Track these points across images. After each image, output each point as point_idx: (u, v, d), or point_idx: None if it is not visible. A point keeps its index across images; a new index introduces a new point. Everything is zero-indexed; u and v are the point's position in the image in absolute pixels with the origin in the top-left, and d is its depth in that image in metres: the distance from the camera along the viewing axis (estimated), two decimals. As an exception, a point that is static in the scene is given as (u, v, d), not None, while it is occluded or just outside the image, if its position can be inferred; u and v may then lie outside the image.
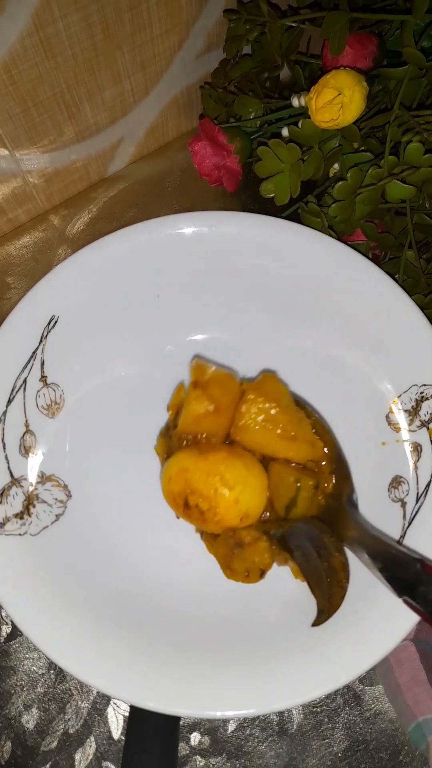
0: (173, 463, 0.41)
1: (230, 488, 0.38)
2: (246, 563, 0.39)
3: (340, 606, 0.38)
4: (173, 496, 0.40)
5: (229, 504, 0.39)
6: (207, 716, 0.36)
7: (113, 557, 0.43)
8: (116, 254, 0.44)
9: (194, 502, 0.39)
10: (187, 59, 0.54)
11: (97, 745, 0.43)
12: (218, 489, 0.38)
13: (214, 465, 0.39)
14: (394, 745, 0.43)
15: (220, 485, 0.38)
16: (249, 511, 0.39)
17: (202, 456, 0.39)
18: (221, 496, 0.38)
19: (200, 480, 0.38)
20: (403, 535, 0.40)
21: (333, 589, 0.38)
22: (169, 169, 0.59)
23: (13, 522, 0.40)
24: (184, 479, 0.39)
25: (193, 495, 0.39)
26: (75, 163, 0.55)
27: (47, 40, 0.44)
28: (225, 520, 0.39)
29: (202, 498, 0.38)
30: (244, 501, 0.39)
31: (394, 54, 0.46)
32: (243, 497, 0.39)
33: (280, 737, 0.43)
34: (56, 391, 0.44)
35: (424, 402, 0.41)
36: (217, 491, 0.38)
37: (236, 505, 0.39)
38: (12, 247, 0.56)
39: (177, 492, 0.39)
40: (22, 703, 0.44)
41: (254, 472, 0.40)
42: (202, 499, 0.38)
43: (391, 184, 0.41)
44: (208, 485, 0.38)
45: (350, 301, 0.44)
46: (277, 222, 0.44)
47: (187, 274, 0.46)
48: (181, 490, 0.39)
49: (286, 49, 0.47)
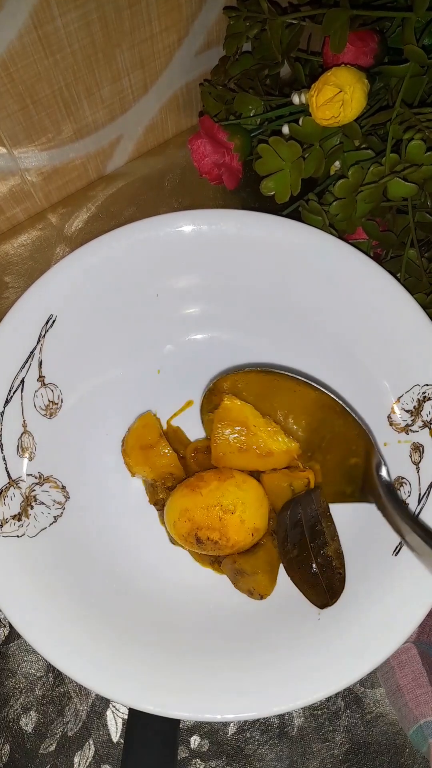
0: (172, 508, 0.42)
1: (232, 512, 0.40)
2: (248, 586, 0.41)
3: (343, 590, 0.39)
4: (184, 537, 0.41)
5: (237, 526, 0.40)
6: (207, 719, 0.36)
7: (112, 560, 0.43)
8: (115, 253, 0.44)
9: (205, 536, 0.40)
10: (186, 56, 0.54)
11: (96, 748, 0.43)
12: (222, 517, 0.40)
13: (210, 497, 0.40)
14: (396, 748, 0.43)
15: (222, 513, 0.40)
16: (257, 525, 0.41)
17: (196, 492, 0.41)
18: (227, 521, 0.40)
19: (203, 515, 0.40)
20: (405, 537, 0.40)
21: (332, 580, 0.39)
22: (169, 167, 0.59)
23: (10, 524, 0.40)
24: (187, 519, 0.41)
25: (201, 530, 0.40)
26: (73, 161, 0.55)
27: (46, 38, 0.44)
28: (238, 542, 0.41)
29: (210, 530, 0.40)
30: (248, 518, 0.40)
31: (395, 51, 0.45)
32: (246, 515, 0.40)
33: (280, 740, 0.43)
34: (54, 392, 0.44)
35: (426, 402, 0.41)
36: (221, 519, 0.40)
37: (243, 525, 0.40)
38: (10, 245, 0.56)
39: (186, 533, 0.41)
40: (20, 705, 0.44)
41: (248, 489, 0.41)
42: (210, 530, 0.40)
43: (393, 182, 0.41)
44: (211, 516, 0.40)
45: (351, 300, 0.44)
46: (277, 220, 0.44)
47: (186, 273, 0.46)
48: (189, 529, 0.41)
49: (287, 46, 0.47)
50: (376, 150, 0.44)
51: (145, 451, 0.43)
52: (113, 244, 0.44)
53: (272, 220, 0.44)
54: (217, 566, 0.43)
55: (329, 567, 0.40)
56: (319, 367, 0.46)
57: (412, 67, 0.41)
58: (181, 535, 0.41)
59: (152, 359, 0.48)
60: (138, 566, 0.43)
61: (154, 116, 0.57)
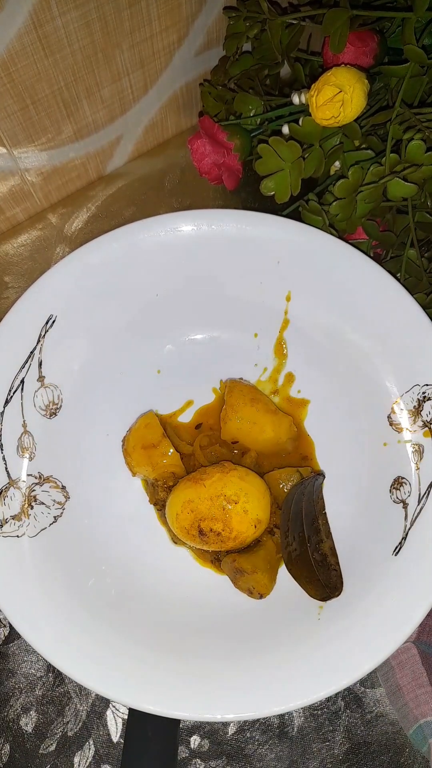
0: (175, 500, 0.42)
1: (236, 502, 0.40)
2: (248, 585, 0.41)
3: (342, 584, 0.39)
4: (186, 530, 0.41)
5: (240, 516, 0.40)
6: (206, 719, 0.36)
7: (112, 560, 0.43)
8: (115, 253, 0.44)
9: (208, 528, 0.40)
10: (186, 56, 0.54)
11: (96, 748, 0.43)
12: (225, 507, 0.40)
13: (213, 487, 0.41)
14: (396, 748, 0.43)
15: (225, 503, 0.40)
16: (260, 516, 0.41)
17: (199, 484, 0.41)
18: (230, 511, 0.40)
19: (206, 505, 0.40)
20: (405, 537, 0.40)
21: (329, 576, 0.40)
22: (169, 167, 0.59)
23: (10, 524, 0.40)
24: (190, 510, 0.41)
25: (204, 521, 0.40)
26: (73, 161, 0.55)
27: (46, 38, 0.44)
28: (241, 534, 0.41)
29: (213, 520, 0.40)
30: (252, 509, 0.41)
31: (395, 51, 0.45)
32: (250, 506, 0.41)
33: (280, 740, 0.43)
34: (54, 392, 0.43)
35: (427, 402, 0.41)
36: (225, 509, 0.40)
37: (247, 515, 0.40)
38: (10, 245, 0.56)
39: (189, 524, 0.41)
40: (20, 705, 0.44)
41: (251, 480, 0.42)
42: (214, 521, 0.40)
43: (393, 182, 0.41)
44: (215, 507, 0.40)
45: (351, 301, 0.44)
46: (277, 220, 0.44)
47: (186, 273, 0.46)
48: (192, 521, 0.41)
49: (287, 46, 0.47)
50: (376, 150, 0.44)
51: (147, 450, 0.43)
52: (113, 244, 0.44)
53: (272, 220, 0.44)
54: (217, 565, 0.43)
55: (325, 563, 0.40)
56: (319, 368, 0.46)
57: (412, 67, 0.41)
58: (183, 528, 0.41)
59: (152, 359, 0.48)
60: (138, 566, 0.43)
61: (153, 116, 0.57)
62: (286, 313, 0.47)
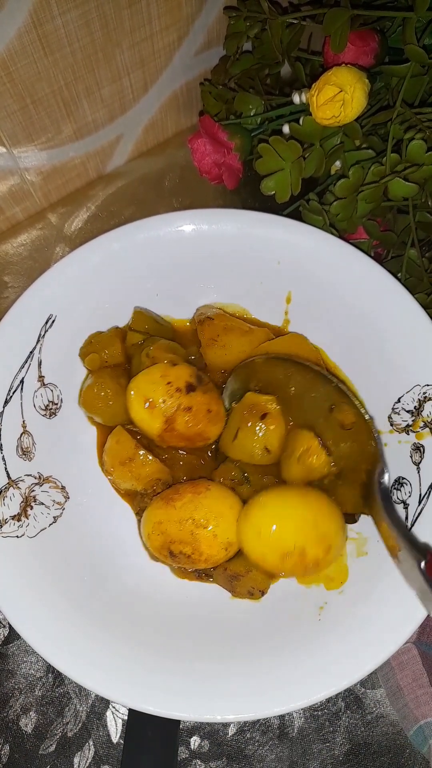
0: (146, 520, 0.41)
1: (204, 526, 0.39)
2: (247, 587, 0.40)
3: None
4: (158, 551, 0.41)
5: (210, 540, 0.39)
6: (207, 720, 0.36)
7: (112, 560, 0.42)
8: (115, 253, 0.44)
9: (177, 550, 0.40)
10: (186, 56, 0.54)
11: (96, 748, 0.43)
12: (194, 531, 0.39)
13: (184, 510, 0.40)
14: (396, 749, 0.43)
15: (194, 527, 0.39)
16: (230, 539, 0.40)
17: (170, 505, 0.40)
18: (199, 536, 0.39)
19: (175, 528, 0.39)
20: (406, 537, 0.40)
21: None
22: (169, 166, 0.59)
23: (10, 524, 0.40)
24: (160, 532, 0.40)
25: (174, 544, 0.40)
26: (73, 161, 0.55)
27: (45, 37, 0.44)
28: (211, 557, 0.40)
29: (183, 544, 0.39)
30: (221, 533, 0.39)
31: (395, 51, 0.45)
32: (219, 530, 0.39)
33: (281, 741, 0.43)
34: (54, 392, 0.43)
35: (427, 402, 0.41)
36: (193, 534, 0.39)
37: (216, 540, 0.39)
38: (9, 245, 0.56)
39: (159, 546, 0.40)
40: (20, 706, 0.44)
41: (224, 501, 0.40)
42: (183, 545, 0.39)
43: (394, 181, 0.41)
44: (184, 531, 0.39)
45: (352, 300, 0.44)
46: (277, 220, 0.44)
47: (186, 272, 0.46)
48: (162, 543, 0.40)
49: (287, 45, 0.47)
50: (377, 150, 0.44)
51: (125, 466, 0.42)
52: (113, 244, 0.44)
53: (273, 220, 0.44)
54: (205, 578, 0.42)
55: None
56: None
57: (413, 66, 0.41)
58: (155, 548, 0.41)
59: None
60: (138, 567, 0.43)
61: (153, 116, 0.57)
62: (286, 314, 0.47)
